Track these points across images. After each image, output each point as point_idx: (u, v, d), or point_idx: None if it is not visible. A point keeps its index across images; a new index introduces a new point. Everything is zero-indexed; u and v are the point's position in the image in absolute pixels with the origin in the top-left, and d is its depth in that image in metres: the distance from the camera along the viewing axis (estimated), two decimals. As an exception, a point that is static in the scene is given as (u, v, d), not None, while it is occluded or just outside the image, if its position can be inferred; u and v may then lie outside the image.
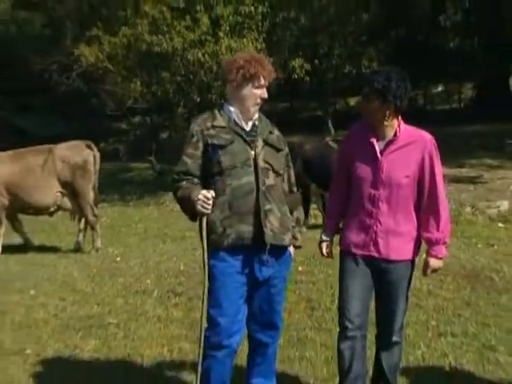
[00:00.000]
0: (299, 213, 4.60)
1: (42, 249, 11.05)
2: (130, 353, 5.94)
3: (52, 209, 10.76)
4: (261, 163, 4.19)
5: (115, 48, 17.33)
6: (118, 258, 9.91)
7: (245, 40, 16.29)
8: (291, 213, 4.44)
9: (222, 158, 4.15)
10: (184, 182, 4.23)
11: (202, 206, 4.03)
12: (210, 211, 4.07)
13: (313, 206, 11.59)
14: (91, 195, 10.62)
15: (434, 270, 4.33)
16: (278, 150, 4.35)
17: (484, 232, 10.52)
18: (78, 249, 10.82)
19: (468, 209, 11.87)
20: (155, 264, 9.22)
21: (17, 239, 11.35)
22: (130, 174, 20.19)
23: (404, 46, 24.66)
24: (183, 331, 6.26)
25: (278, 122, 4.48)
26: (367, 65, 22.36)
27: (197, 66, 16.45)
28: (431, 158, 4.16)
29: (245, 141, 4.21)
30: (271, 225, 4.16)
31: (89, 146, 10.73)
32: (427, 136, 4.24)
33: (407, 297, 4.39)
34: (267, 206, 4.16)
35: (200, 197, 4.02)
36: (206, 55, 16.07)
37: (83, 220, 10.83)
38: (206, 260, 4.16)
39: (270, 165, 4.24)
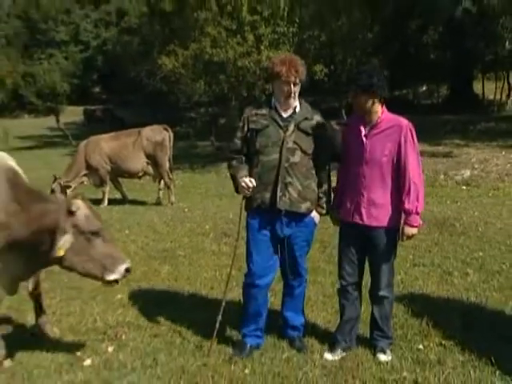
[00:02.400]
0: (328, 185, 4.16)
1: (133, 202, 11.19)
2: (193, 275, 6.06)
3: (140, 174, 10.89)
4: (289, 144, 3.92)
5: (186, 58, 17.34)
6: (186, 210, 9.97)
7: (280, 51, 16.15)
8: (321, 186, 4.11)
9: (258, 139, 3.97)
10: (234, 161, 4.10)
11: (243, 191, 3.97)
12: (249, 194, 3.96)
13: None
14: (167, 164, 10.67)
15: (409, 237, 3.90)
16: (308, 134, 3.98)
17: (452, 192, 10.41)
18: (158, 202, 10.93)
19: (442, 176, 11.77)
20: (212, 214, 9.27)
21: (117, 195, 11.56)
22: (197, 149, 20.25)
23: (398, 57, 24.43)
24: (230, 262, 6.30)
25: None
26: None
27: (245, 70, 16.40)
28: (406, 140, 3.81)
29: (279, 125, 3.95)
30: (289, 194, 3.94)
31: (165, 129, 10.77)
32: (404, 122, 3.88)
33: (392, 261, 4.02)
34: (288, 179, 3.92)
35: (243, 184, 3.92)
36: (251, 63, 16.03)
37: (162, 182, 10.95)
38: (241, 226, 4.11)
39: (299, 145, 3.94)
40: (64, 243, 3.74)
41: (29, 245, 3.86)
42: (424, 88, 29.81)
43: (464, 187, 10.86)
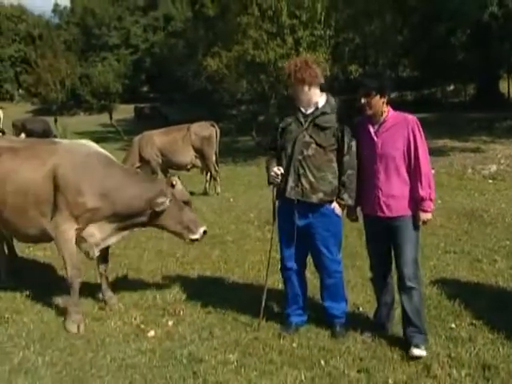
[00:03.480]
0: (346, 177, 4.00)
1: (182, 192, 11.32)
2: (240, 259, 6.19)
3: (189, 166, 11.00)
4: (306, 138, 3.96)
5: (230, 59, 17.42)
6: (231, 199, 10.10)
7: (317, 53, 16.15)
8: (339, 178, 4.03)
9: (284, 136, 4.08)
10: (269, 156, 4.24)
11: (274, 179, 4.05)
12: (278, 182, 4.04)
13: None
14: (214, 158, 10.79)
15: (424, 222, 3.85)
16: (323, 129, 3.97)
17: (479, 186, 10.31)
18: (205, 193, 11.05)
19: (470, 170, 11.74)
20: (256, 203, 9.34)
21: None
22: (239, 144, 20.37)
23: (427, 58, 24.17)
24: (274, 246, 6.40)
25: (342, 108, 4.26)
26: (402, 70, 21.91)
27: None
28: (414, 134, 3.78)
29: (300, 122, 4.02)
30: (302, 185, 3.97)
31: (212, 125, 10.89)
32: (410, 117, 3.87)
33: (415, 250, 3.90)
34: (301, 171, 3.96)
35: (272, 173, 4.03)
36: (290, 64, 16.03)
37: (209, 174, 11.08)
38: (276, 214, 4.20)
39: (314, 139, 3.95)
40: (162, 201, 4.51)
41: (132, 212, 4.55)
42: (452, 87, 29.58)
43: (490, 181, 10.76)
